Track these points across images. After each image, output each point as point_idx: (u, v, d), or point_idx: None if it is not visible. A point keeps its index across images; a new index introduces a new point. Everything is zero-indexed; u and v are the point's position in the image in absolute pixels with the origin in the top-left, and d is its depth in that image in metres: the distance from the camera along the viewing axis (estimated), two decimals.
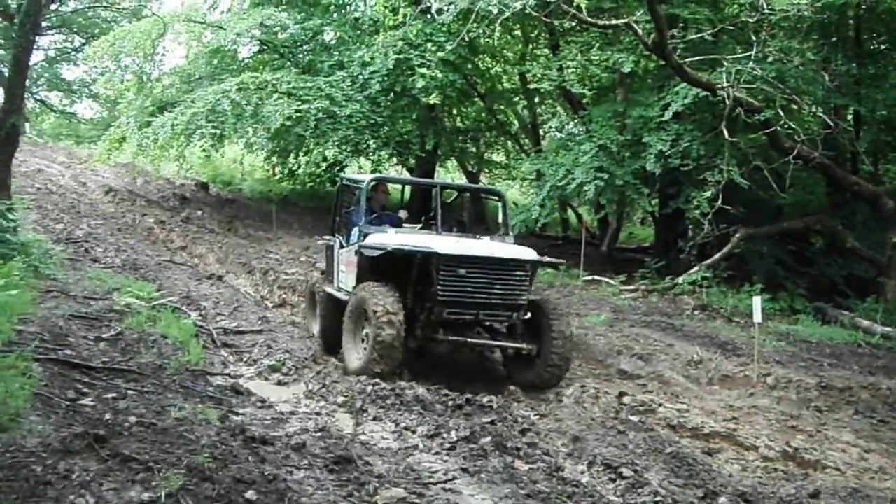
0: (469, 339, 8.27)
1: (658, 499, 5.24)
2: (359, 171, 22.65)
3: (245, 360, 7.85)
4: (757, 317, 9.49)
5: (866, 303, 14.00)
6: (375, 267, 8.26)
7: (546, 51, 19.85)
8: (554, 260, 9.53)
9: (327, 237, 10.13)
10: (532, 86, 17.37)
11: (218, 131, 16.95)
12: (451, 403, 6.51)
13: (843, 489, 6.21)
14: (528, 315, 8.35)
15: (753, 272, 15.21)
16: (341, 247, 9.29)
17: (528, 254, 8.42)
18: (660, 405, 7.62)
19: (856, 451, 7.26)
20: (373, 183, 9.42)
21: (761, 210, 16.35)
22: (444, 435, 5.80)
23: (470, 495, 4.89)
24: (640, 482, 5.46)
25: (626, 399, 7.70)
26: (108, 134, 18.14)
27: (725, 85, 13.48)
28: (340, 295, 8.89)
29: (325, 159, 20.88)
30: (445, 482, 5.03)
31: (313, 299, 9.86)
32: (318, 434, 5.57)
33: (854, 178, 15.61)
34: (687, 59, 13.87)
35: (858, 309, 13.84)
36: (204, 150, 19.96)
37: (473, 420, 6.14)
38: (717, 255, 14.77)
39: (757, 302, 9.56)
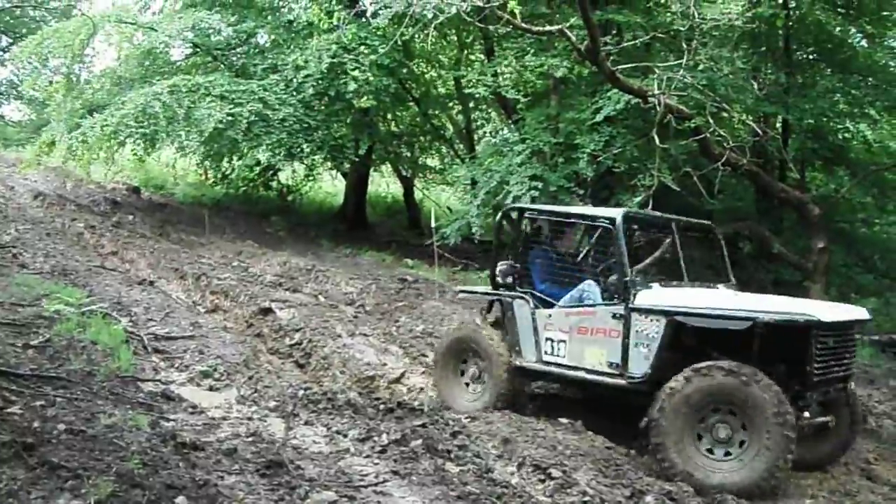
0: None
1: (586, 498, 5.36)
2: (291, 176, 22.62)
3: (176, 365, 7.79)
4: None
5: None
6: (676, 340, 6.96)
7: (481, 56, 19.98)
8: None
9: (480, 289, 8.83)
10: (467, 91, 17.47)
11: (149, 134, 16.72)
12: (382, 407, 6.56)
13: None
14: None
15: (683, 277, 15.50)
16: (544, 306, 7.88)
17: (855, 311, 7.25)
18: None
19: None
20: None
21: (692, 216, 16.56)
22: (376, 438, 5.84)
23: (401, 497, 4.94)
24: (569, 482, 5.57)
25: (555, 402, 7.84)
26: (38, 139, 17.78)
27: (657, 92, 13.71)
28: (553, 369, 7.61)
29: (258, 163, 20.73)
30: (376, 485, 5.07)
31: (461, 360, 8.21)
32: (250, 439, 5.57)
33: (781, 185, 15.99)
34: (619, 66, 14.09)
35: None
36: (135, 154, 19.65)
37: (405, 423, 6.20)
38: (647, 260, 14.98)
39: None
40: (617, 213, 7.84)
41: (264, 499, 4.54)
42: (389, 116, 21.59)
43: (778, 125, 17.33)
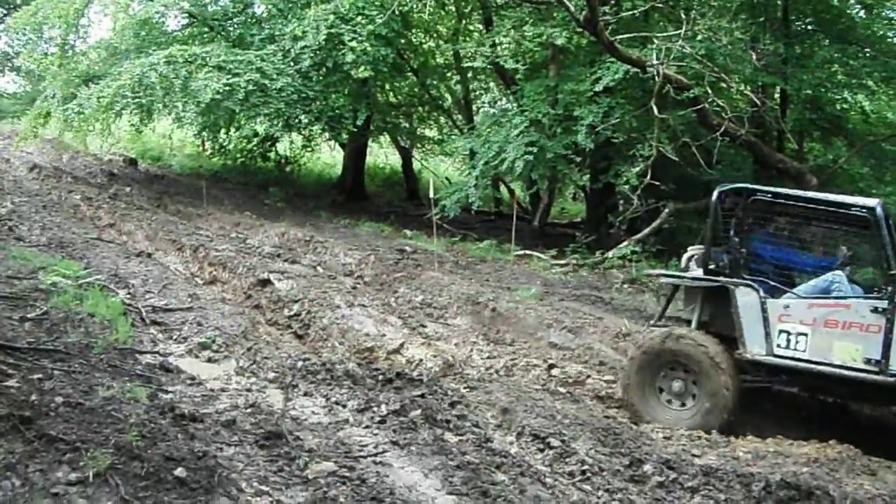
0: None
1: (585, 467, 5.38)
2: (289, 147, 22.51)
3: (175, 337, 7.77)
4: None
5: None
6: None
7: (479, 26, 19.87)
8: None
9: (689, 275, 7.97)
10: (465, 61, 17.38)
11: (145, 105, 16.64)
12: (381, 378, 6.54)
13: (763, 453, 6.45)
14: None
15: (682, 246, 15.52)
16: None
17: None
18: (588, 377, 7.78)
19: (774, 419, 7.50)
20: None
21: (690, 186, 16.66)
22: (375, 409, 5.84)
23: (400, 467, 4.95)
24: (568, 451, 5.60)
25: (555, 371, 7.85)
26: (33, 110, 17.68)
27: (655, 62, 13.66)
28: (788, 363, 7.13)
29: (256, 134, 20.68)
30: (376, 455, 5.08)
31: (660, 374, 7.54)
32: (249, 410, 5.57)
33: (779, 155, 16.00)
34: (618, 36, 14.02)
35: None
36: (132, 125, 19.58)
37: (404, 394, 6.19)
38: (646, 230, 15.03)
39: None
40: (875, 202, 7.27)
41: (263, 469, 4.54)
42: (387, 87, 21.49)
43: (776, 95, 17.32)
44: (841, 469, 6.20)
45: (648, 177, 13.84)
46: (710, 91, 14.04)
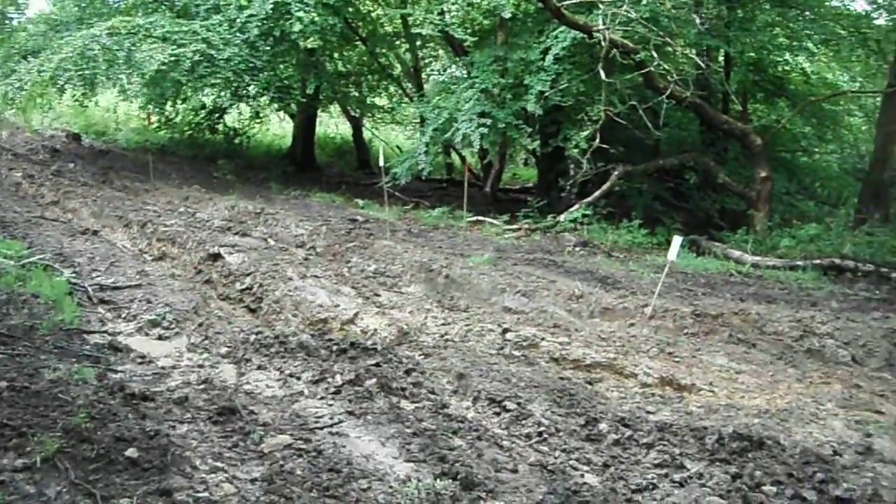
0: None
1: (541, 428, 5.42)
2: (238, 118, 22.27)
3: (123, 316, 7.63)
4: (672, 255, 9.77)
5: (737, 234, 14.65)
6: None
7: None
8: None
9: None
10: (414, 29, 17.25)
11: (88, 78, 16.29)
12: (335, 348, 6.51)
13: (715, 407, 6.54)
14: None
15: (632, 208, 15.71)
16: None
17: None
18: (543, 339, 7.79)
19: (728, 372, 7.61)
20: None
21: (639, 148, 16.84)
22: (329, 379, 5.81)
23: (357, 437, 4.94)
24: (524, 414, 5.63)
25: (509, 335, 7.84)
26: None
27: (601, 27, 13.70)
28: None
29: (203, 106, 20.37)
30: (332, 426, 5.07)
31: None
32: (201, 387, 5.51)
33: (725, 116, 16.23)
34: (565, 2, 14.02)
35: (730, 240, 14.47)
36: (75, 100, 19.17)
37: (358, 363, 6.17)
38: (596, 193, 15.16)
39: (676, 241, 9.83)
40: None
41: (218, 446, 4.50)
42: (336, 56, 21.29)
43: (720, 58, 17.51)
44: (790, 419, 6.30)
45: (597, 140, 13.95)
46: (655, 55, 14.15)
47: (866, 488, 4.83)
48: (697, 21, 15.28)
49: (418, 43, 20.68)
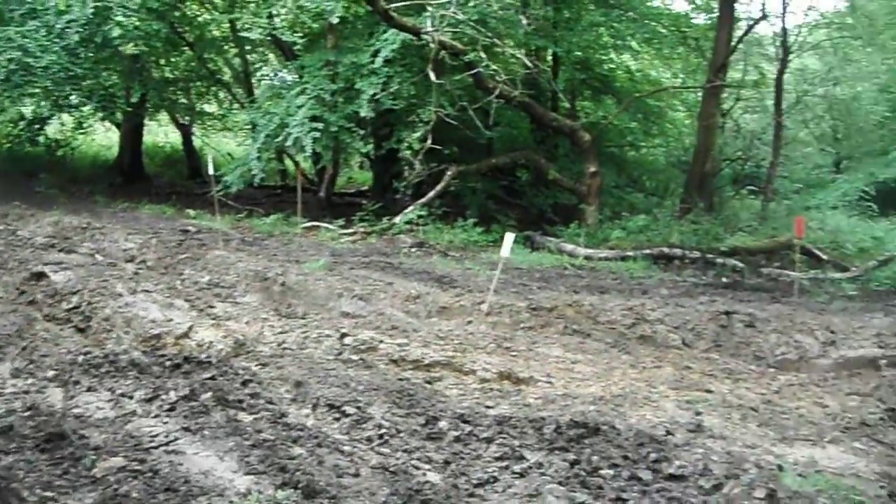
0: None
1: (382, 431, 5.45)
2: (60, 129, 21.31)
3: None
4: (505, 252, 9.99)
5: (570, 229, 15.18)
6: None
7: None
8: None
9: None
10: (242, 33, 16.99)
11: None
12: (168, 364, 6.35)
13: (553, 397, 6.76)
14: None
15: (467, 207, 16.02)
16: None
17: None
18: (381, 342, 7.84)
19: (564, 363, 7.87)
20: None
21: (472, 148, 17.19)
22: (163, 397, 5.66)
23: (194, 454, 4.83)
24: (364, 417, 5.64)
25: (347, 339, 7.85)
26: None
27: (430, 29, 13.92)
28: None
29: (22, 117, 19.37)
30: (167, 444, 4.93)
31: None
32: (27, 413, 5.25)
33: (553, 114, 16.81)
34: (393, 4, 14.17)
35: (563, 235, 14.99)
36: None
37: (193, 378, 6.03)
38: (431, 194, 15.38)
39: (509, 238, 10.05)
40: None
41: (47, 474, 4.31)
42: (163, 62, 20.67)
43: (549, 58, 18.08)
44: (625, 403, 6.57)
45: (429, 141, 14.17)
46: (484, 55, 14.47)
47: (697, 464, 5.05)
48: (524, 22, 15.74)
49: (247, 47, 20.41)
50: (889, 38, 23.10)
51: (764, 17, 18.64)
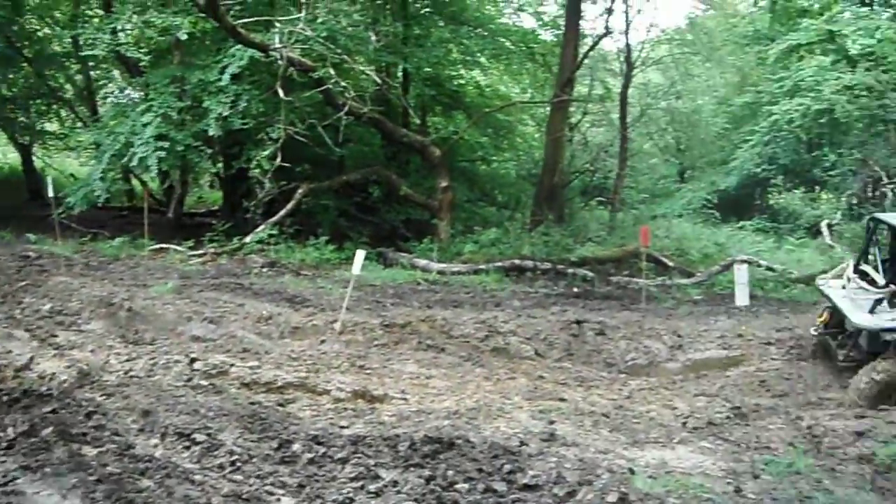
0: None
1: (234, 457, 5.37)
2: None
3: None
4: (357, 269, 10.00)
5: (423, 244, 15.34)
6: None
7: (99, 11, 18.88)
8: None
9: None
10: (85, 49, 16.43)
11: None
12: (5, 399, 6.06)
13: (407, 414, 6.82)
14: None
15: (319, 225, 15.96)
16: None
17: None
18: (232, 365, 7.72)
19: (418, 379, 7.96)
20: None
21: (323, 165, 17.14)
22: (1, 434, 5.43)
23: (34, 493, 4.63)
24: (215, 444, 5.55)
25: (197, 364, 7.69)
26: None
27: (278, 45, 13.84)
28: None
29: None
30: (5, 485, 4.72)
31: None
32: None
33: (404, 130, 16.96)
34: (241, 21, 14.02)
35: (416, 250, 15.13)
36: None
37: (33, 412, 5.78)
38: (282, 212, 15.25)
39: (360, 255, 10.06)
40: None
41: None
42: None
43: (399, 74, 18.24)
44: (479, 416, 6.70)
45: (279, 159, 14.06)
46: (333, 72, 14.47)
47: (551, 473, 5.19)
48: (374, 38, 15.85)
49: (91, 63, 19.73)
50: (727, 53, 24.47)
51: (608, 33, 19.25)
